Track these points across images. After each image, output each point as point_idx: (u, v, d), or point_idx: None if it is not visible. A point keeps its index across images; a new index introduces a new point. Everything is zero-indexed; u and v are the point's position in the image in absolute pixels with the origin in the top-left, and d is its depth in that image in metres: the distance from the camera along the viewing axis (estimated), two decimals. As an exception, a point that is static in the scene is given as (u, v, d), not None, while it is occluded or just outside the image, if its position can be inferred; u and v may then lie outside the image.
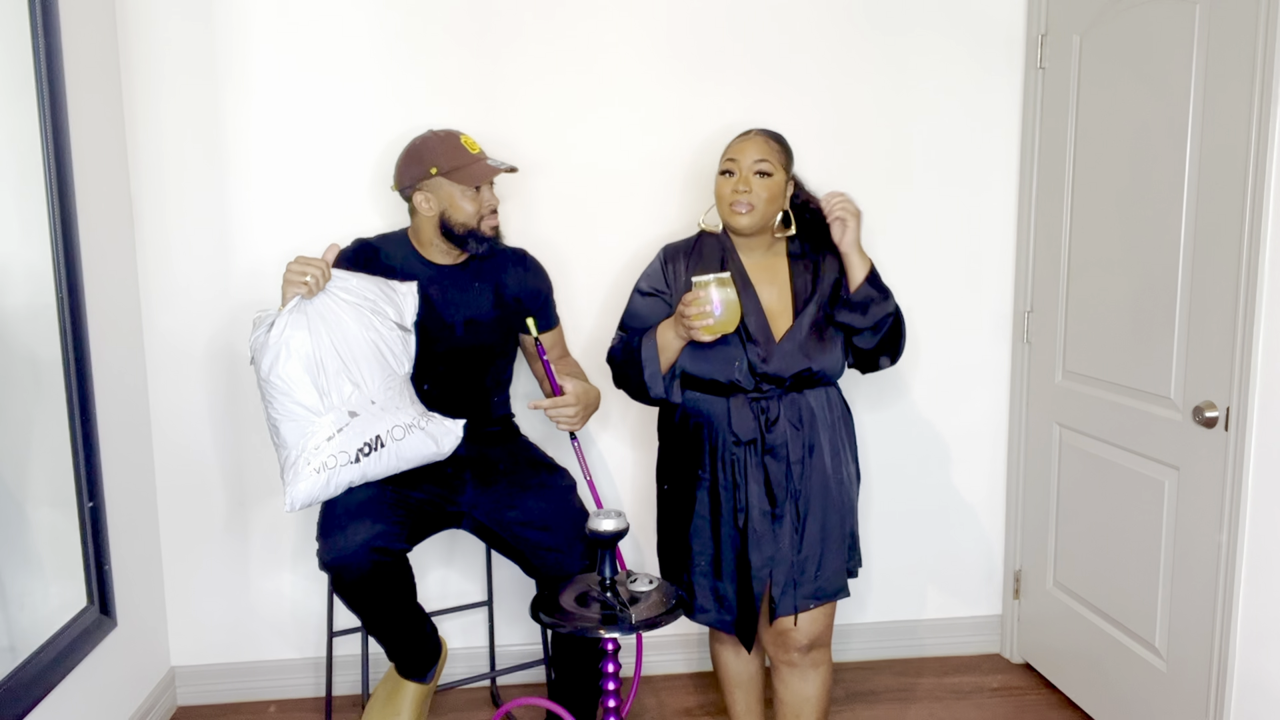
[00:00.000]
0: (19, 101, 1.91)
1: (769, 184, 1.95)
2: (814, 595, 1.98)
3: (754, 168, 1.94)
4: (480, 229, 2.13)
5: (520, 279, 2.26)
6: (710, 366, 1.97)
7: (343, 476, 1.93)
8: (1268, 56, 1.76)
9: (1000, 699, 2.60)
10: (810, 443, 1.98)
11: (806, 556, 1.98)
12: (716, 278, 1.86)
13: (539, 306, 2.29)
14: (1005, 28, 2.60)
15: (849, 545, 2.07)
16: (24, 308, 1.92)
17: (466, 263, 2.21)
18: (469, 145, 2.13)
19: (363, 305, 1.98)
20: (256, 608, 2.60)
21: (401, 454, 1.97)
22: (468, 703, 2.58)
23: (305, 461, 1.90)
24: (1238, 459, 1.87)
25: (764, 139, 1.98)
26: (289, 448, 1.93)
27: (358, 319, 1.96)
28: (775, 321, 1.99)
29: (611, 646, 1.84)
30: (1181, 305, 2.02)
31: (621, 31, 2.49)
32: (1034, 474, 2.65)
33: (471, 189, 2.10)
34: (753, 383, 1.97)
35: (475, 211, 2.11)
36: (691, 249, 2.08)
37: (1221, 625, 1.93)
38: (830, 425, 2.01)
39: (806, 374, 1.97)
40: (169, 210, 2.42)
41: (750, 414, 1.96)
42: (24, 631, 1.88)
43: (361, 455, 1.93)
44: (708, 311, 1.85)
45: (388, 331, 2.00)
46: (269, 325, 1.92)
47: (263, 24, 2.39)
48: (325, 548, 1.96)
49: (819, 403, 2.00)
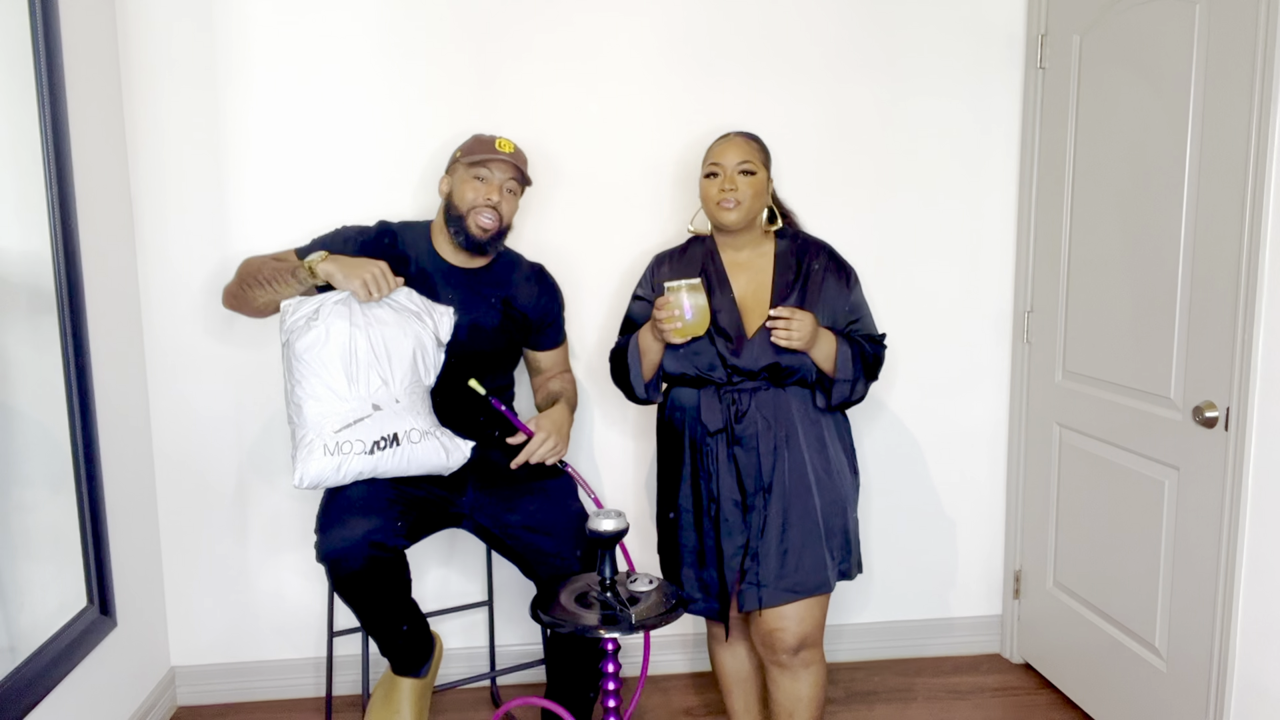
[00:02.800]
0: (19, 101, 1.91)
1: (753, 181, 2.01)
2: (792, 589, 1.98)
3: (738, 167, 2.01)
4: (468, 219, 2.12)
5: (533, 294, 2.27)
6: (683, 362, 2.04)
7: (353, 465, 1.96)
8: (1268, 56, 1.76)
9: (1000, 699, 2.60)
10: (786, 436, 2.00)
11: (785, 549, 1.99)
12: (687, 283, 1.95)
13: (548, 324, 2.31)
14: (1005, 28, 2.60)
15: (842, 544, 2.06)
16: (24, 307, 1.92)
17: (481, 270, 2.21)
18: (501, 145, 2.16)
19: (406, 311, 2.05)
20: (256, 608, 2.60)
21: (413, 457, 2.01)
22: (468, 703, 2.58)
23: (321, 442, 1.95)
24: (1238, 459, 1.87)
25: (744, 140, 2.05)
26: (307, 427, 1.98)
27: (399, 321, 2.03)
28: (750, 316, 2.04)
29: (611, 646, 1.84)
30: (1181, 305, 2.02)
31: (621, 34, 2.49)
32: (1034, 474, 2.65)
33: (476, 179, 2.12)
34: (725, 375, 2.01)
35: (472, 199, 2.11)
36: (679, 254, 2.15)
37: (1221, 625, 1.93)
38: (814, 421, 2.03)
39: (778, 368, 2.00)
40: (169, 210, 2.42)
41: (719, 405, 2.02)
42: (24, 631, 1.88)
43: (376, 448, 1.97)
44: (677, 315, 1.94)
45: (426, 339, 2.06)
46: (315, 309, 2.00)
47: (262, 24, 2.39)
48: (323, 540, 1.97)
49: (800, 399, 2.03)
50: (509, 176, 2.15)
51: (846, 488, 2.08)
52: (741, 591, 2.00)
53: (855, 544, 2.11)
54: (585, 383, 2.60)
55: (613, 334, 2.52)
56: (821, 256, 2.08)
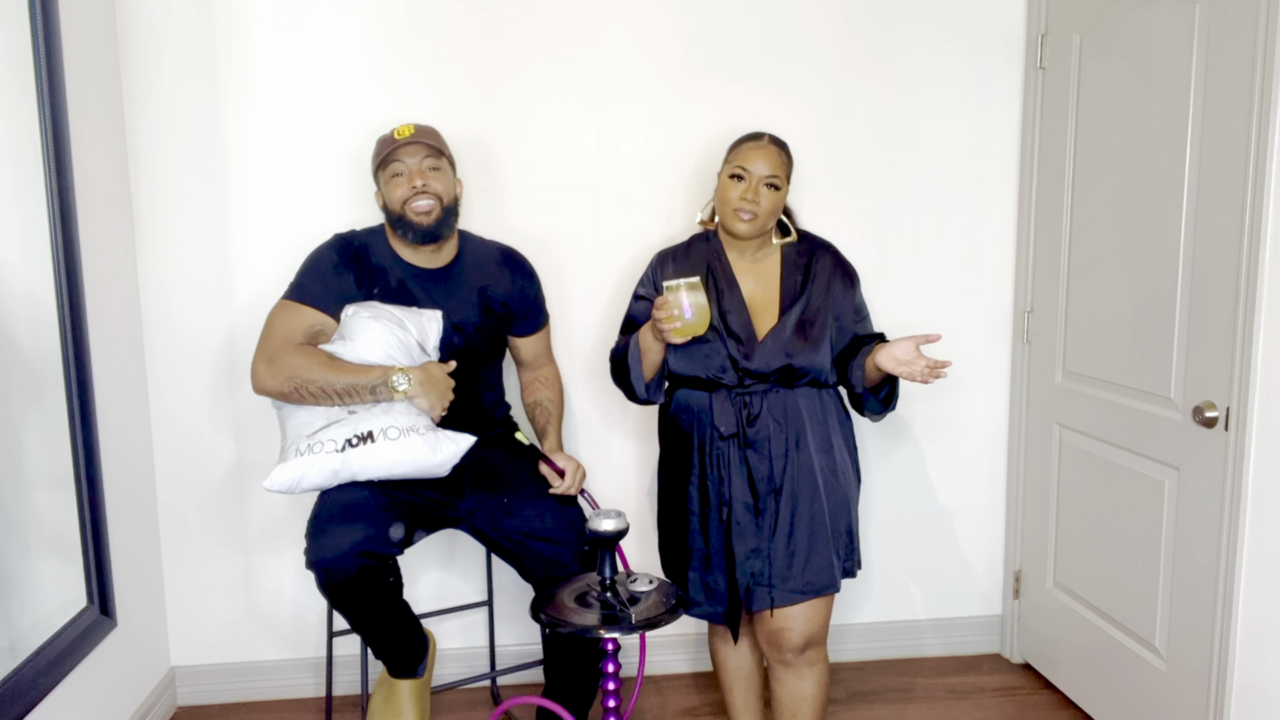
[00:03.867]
0: (19, 101, 1.91)
1: (775, 197, 2.00)
2: (801, 589, 1.99)
3: (765, 180, 1.98)
4: (406, 214, 2.08)
5: (506, 281, 2.23)
6: (693, 364, 2.03)
7: (325, 464, 1.92)
8: (1268, 56, 1.76)
9: (1000, 699, 2.60)
10: (796, 438, 2.00)
11: (794, 551, 1.99)
12: (686, 282, 1.92)
13: (526, 309, 2.27)
14: (1005, 28, 2.60)
15: (846, 544, 2.07)
16: (24, 308, 1.92)
17: (452, 265, 2.18)
18: (400, 132, 2.11)
19: (389, 319, 2.04)
20: (256, 608, 2.60)
21: (396, 456, 1.95)
22: (468, 703, 2.58)
23: (294, 447, 1.95)
24: (1238, 459, 1.87)
25: (776, 151, 2.01)
26: (287, 436, 2.00)
27: (382, 329, 2.01)
28: (760, 318, 2.03)
29: (611, 646, 1.84)
30: (1181, 305, 2.02)
31: (621, 34, 2.48)
32: (1034, 474, 2.65)
33: (395, 176, 2.09)
34: (736, 378, 2.00)
35: (400, 195, 2.08)
36: (683, 252, 2.13)
37: (1221, 625, 1.93)
38: (821, 422, 2.03)
39: (790, 370, 1.99)
40: (169, 210, 2.42)
41: (731, 408, 2.01)
42: (24, 631, 1.88)
43: (348, 445, 1.93)
44: (676, 315, 1.91)
45: (412, 343, 2.04)
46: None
47: (263, 24, 2.39)
48: (312, 548, 1.95)
49: (808, 400, 2.02)
50: (422, 156, 2.09)
51: (851, 488, 2.08)
52: (751, 592, 2.00)
53: (857, 542, 2.11)
54: (583, 383, 2.60)
55: (612, 334, 2.51)
56: (827, 258, 2.09)
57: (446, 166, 2.13)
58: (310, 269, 2.12)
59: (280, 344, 2.01)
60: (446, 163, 2.14)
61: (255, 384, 2.01)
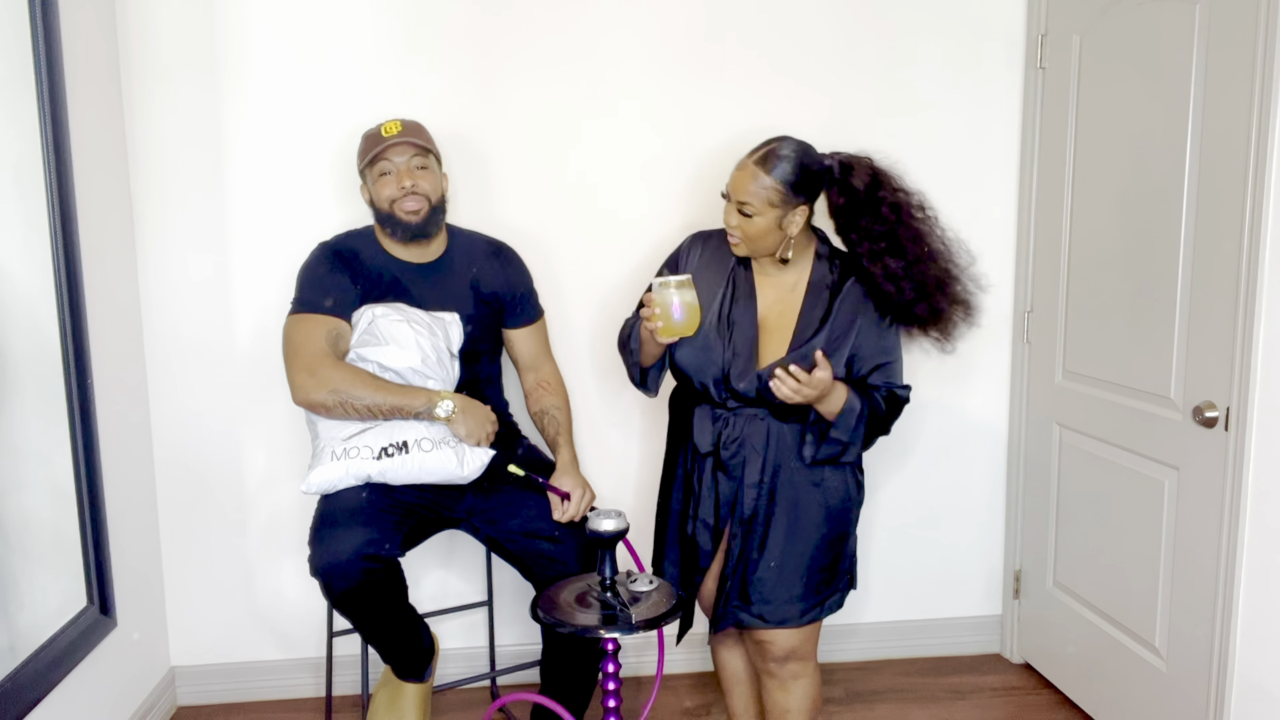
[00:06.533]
0: (19, 102, 1.91)
1: (748, 225, 1.81)
2: (759, 616, 1.94)
3: (737, 205, 1.81)
4: (395, 213, 2.09)
5: (497, 273, 2.24)
6: (695, 364, 1.92)
7: (361, 469, 1.98)
8: (1268, 56, 1.76)
9: (1000, 699, 2.60)
10: (775, 470, 1.88)
11: (754, 580, 1.93)
12: (677, 280, 1.82)
13: (518, 301, 2.27)
14: (1005, 28, 2.60)
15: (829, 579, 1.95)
16: (24, 307, 1.92)
17: (443, 260, 2.19)
18: (388, 129, 2.11)
19: (419, 322, 2.07)
20: (256, 608, 2.60)
21: (425, 466, 2.00)
22: (468, 703, 2.58)
23: (330, 450, 1.98)
24: (1238, 459, 1.87)
25: (752, 175, 1.79)
26: (320, 438, 2.02)
27: (414, 334, 2.04)
28: (768, 340, 1.89)
29: (611, 646, 1.84)
30: (1181, 305, 2.02)
31: (621, 34, 2.48)
32: (1034, 474, 2.65)
33: (383, 175, 2.09)
34: (721, 396, 1.90)
35: (389, 195, 2.09)
36: (718, 238, 1.96)
37: (1221, 626, 1.93)
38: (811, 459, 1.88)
39: (781, 404, 1.83)
40: (169, 210, 2.42)
41: (710, 427, 1.92)
42: (24, 631, 1.88)
43: (384, 454, 1.98)
44: (659, 314, 1.80)
45: (441, 348, 2.08)
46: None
47: (263, 24, 2.38)
48: (316, 554, 1.95)
49: (797, 436, 1.88)
50: (410, 155, 2.10)
51: (847, 518, 1.96)
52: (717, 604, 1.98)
53: (852, 568, 2.02)
54: (586, 382, 2.60)
55: (610, 332, 2.51)
56: (858, 289, 1.89)
57: (434, 164, 2.15)
58: (307, 280, 2.13)
59: (314, 355, 2.02)
60: (434, 160, 2.15)
61: (299, 396, 2.00)
